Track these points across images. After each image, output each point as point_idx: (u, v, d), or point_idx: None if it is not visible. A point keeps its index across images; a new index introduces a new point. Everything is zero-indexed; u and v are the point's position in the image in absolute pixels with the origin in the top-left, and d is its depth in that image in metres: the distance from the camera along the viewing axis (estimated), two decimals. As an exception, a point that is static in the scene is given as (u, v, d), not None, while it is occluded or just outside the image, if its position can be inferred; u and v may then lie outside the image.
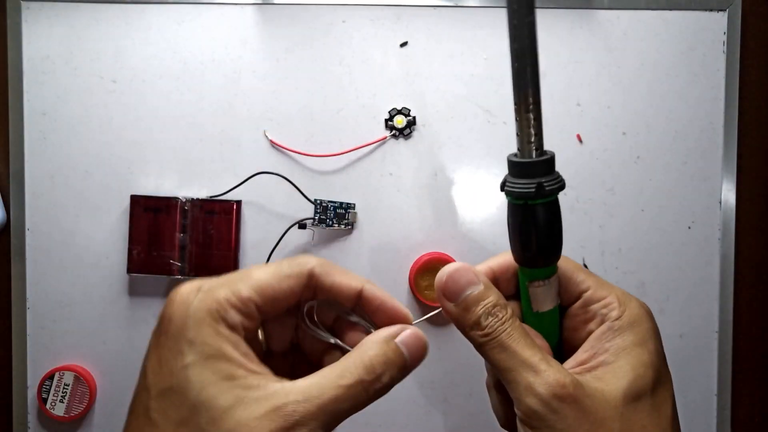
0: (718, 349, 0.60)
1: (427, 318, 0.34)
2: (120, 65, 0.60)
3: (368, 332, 0.30)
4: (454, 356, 0.60)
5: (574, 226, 0.60)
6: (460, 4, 0.59)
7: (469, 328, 0.30)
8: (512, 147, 0.31)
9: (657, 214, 0.60)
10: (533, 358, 0.29)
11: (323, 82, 0.60)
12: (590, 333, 0.32)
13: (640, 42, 0.59)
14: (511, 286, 0.34)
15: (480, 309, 0.30)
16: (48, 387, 0.58)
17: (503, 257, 0.33)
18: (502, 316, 0.30)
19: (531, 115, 0.29)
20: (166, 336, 0.27)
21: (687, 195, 0.60)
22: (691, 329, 0.60)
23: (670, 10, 0.59)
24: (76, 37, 0.60)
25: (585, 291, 0.33)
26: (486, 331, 0.30)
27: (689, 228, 0.60)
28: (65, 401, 0.58)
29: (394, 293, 0.59)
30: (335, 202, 0.59)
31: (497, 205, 0.60)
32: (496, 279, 0.33)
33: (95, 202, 0.60)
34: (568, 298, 0.33)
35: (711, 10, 0.59)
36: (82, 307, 0.60)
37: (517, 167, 0.30)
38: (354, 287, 0.30)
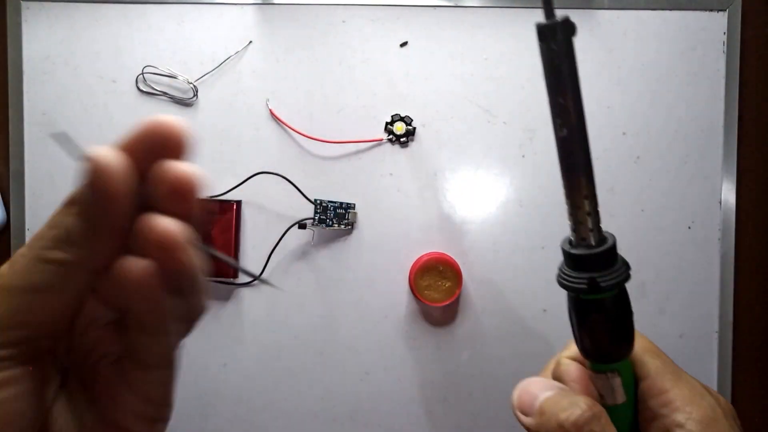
0: (718, 349, 0.60)
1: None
2: (120, 65, 0.60)
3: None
4: (454, 356, 0.60)
5: (574, 226, 0.60)
6: (460, 4, 0.59)
7: None
8: (513, 147, 0.31)
9: (657, 214, 0.60)
10: None
11: (323, 82, 0.60)
12: None
13: (640, 42, 0.59)
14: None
15: (562, 415, 0.26)
16: (48, 387, 0.58)
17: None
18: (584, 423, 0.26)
19: (586, 202, 0.27)
20: None
21: (687, 195, 0.60)
22: (691, 329, 0.60)
23: (670, 10, 0.59)
24: (76, 37, 0.60)
25: (643, 380, 0.28)
26: None
27: (689, 228, 0.60)
28: (65, 401, 0.58)
29: (394, 293, 0.60)
30: (335, 202, 0.59)
31: (497, 205, 0.60)
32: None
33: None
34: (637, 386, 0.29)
35: (711, 10, 0.59)
36: (82, 307, 0.60)
37: (569, 258, 0.27)
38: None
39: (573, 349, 0.30)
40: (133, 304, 0.21)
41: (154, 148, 0.22)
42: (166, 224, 0.20)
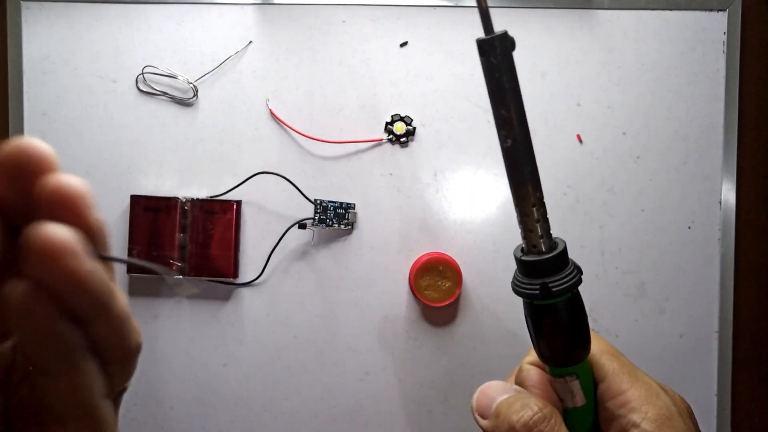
0: (718, 349, 0.60)
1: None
2: (120, 65, 0.60)
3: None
4: (454, 356, 0.60)
5: (574, 226, 0.60)
6: (460, 4, 0.59)
7: None
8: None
9: (657, 214, 0.60)
10: None
11: (323, 82, 0.60)
12: None
13: (640, 42, 0.59)
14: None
15: (514, 417, 0.27)
16: (48, 387, 0.58)
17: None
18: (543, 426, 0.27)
19: (534, 210, 0.27)
20: None
21: (687, 195, 0.60)
22: (691, 329, 0.60)
23: (670, 10, 0.59)
24: (76, 37, 0.60)
25: (600, 382, 0.29)
26: None
27: (689, 228, 0.60)
28: (65, 401, 0.58)
29: (394, 293, 0.60)
30: (335, 202, 0.59)
31: (497, 205, 0.60)
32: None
33: (95, 202, 0.60)
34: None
35: (711, 10, 0.59)
36: (82, 307, 0.60)
37: (521, 265, 0.28)
38: None
39: (534, 354, 0.31)
40: (22, 339, 0.17)
41: (21, 173, 0.18)
42: (49, 230, 0.16)
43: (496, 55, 0.26)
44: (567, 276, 0.27)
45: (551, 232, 0.28)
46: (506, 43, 0.26)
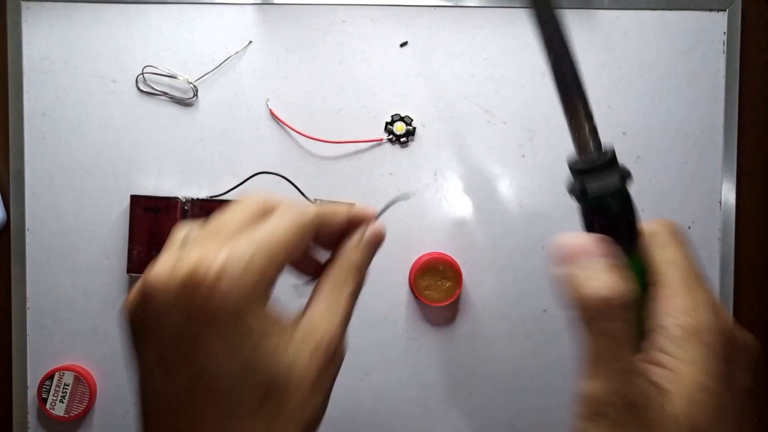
0: (718, 349, 0.60)
1: (385, 210, 0.37)
2: (120, 65, 0.60)
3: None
4: (454, 356, 0.60)
5: (574, 226, 0.59)
6: (460, 4, 0.59)
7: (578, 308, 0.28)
8: (513, 147, 0.31)
9: (657, 214, 0.60)
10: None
11: (323, 82, 0.60)
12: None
13: (640, 42, 0.59)
14: None
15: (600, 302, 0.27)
16: (48, 387, 0.58)
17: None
18: (616, 319, 0.27)
19: (592, 118, 0.32)
20: (223, 324, 0.27)
21: (687, 195, 0.60)
22: (691, 329, 0.60)
23: (670, 10, 0.59)
24: (76, 37, 0.60)
25: (655, 285, 0.29)
26: (593, 320, 0.27)
27: (689, 228, 0.60)
28: (65, 401, 0.58)
29: (394, 293, 0.60)
30: (335, 202, 0.59)
31: (497, 205, 0.60)
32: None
33: (95, 202, 0.60)
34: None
35: (711, 10, 0.59)
36: (82, 307, 0.60)
37: (603, 165, 0.33)
38: (343, 219, 0.34)
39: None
40: (361, 260, 0.35)
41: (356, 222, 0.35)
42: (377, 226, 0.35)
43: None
44: (612, 177, 0.32)
45: (600, 141, 0.33)
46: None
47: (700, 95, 0.59)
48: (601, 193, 0.32)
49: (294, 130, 0.59)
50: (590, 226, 0.34)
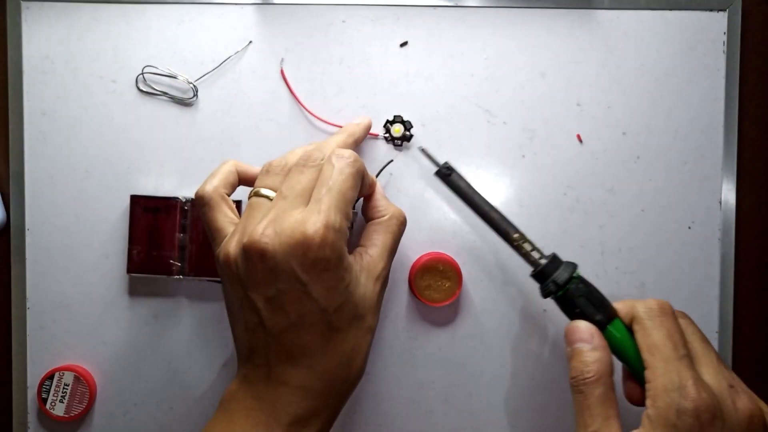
0: (718, 348, 0.60)
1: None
2: (120, 65, 0.60)
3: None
4: (454, 356, 0.60)
5: (574, 226, 0.60)
6: (460, 4, 0.59)
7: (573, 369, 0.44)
8: (513, 147, 0.31)
9: (657, 214, 0.60)
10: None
11: (323, 82, 0.60)
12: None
13: (640, 42, 0.59)
14: None
15: (580, 364, 0.43)
16: (48, 387, 0.58)
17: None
18: (590, 377, 0.41)
19: (527, 241, 0.50)
20: (327, 271, 0.40)
21: (687, 195, 0.60)
22: (691, 329, 0.60)
23: (670, 10, 0.59)
24: (76, 37, 0.60)
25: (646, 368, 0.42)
26: (578, 379, 0.42)
27: (689, 228, 0.60)
28: (65, 401, 0.58)
29: (394, 293, 0.60)
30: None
31: (497, 205, 0.60)
32: None
33: (95, 202, 0.60)
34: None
35: (711, 10, 0.59)
36: (82, 307, 0.60)
37: (554, 266, 0.49)
38: (365, 134, 0.55)
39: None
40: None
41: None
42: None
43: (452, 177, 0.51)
44: (566, 269, 0.47)
45: (540, 247, 0.50)
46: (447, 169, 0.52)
47: (700, 95, 0.59)
48: (567, 278, 0.46)
49: (304, 107, 0.59)
50: (572, 313, 0.46)
